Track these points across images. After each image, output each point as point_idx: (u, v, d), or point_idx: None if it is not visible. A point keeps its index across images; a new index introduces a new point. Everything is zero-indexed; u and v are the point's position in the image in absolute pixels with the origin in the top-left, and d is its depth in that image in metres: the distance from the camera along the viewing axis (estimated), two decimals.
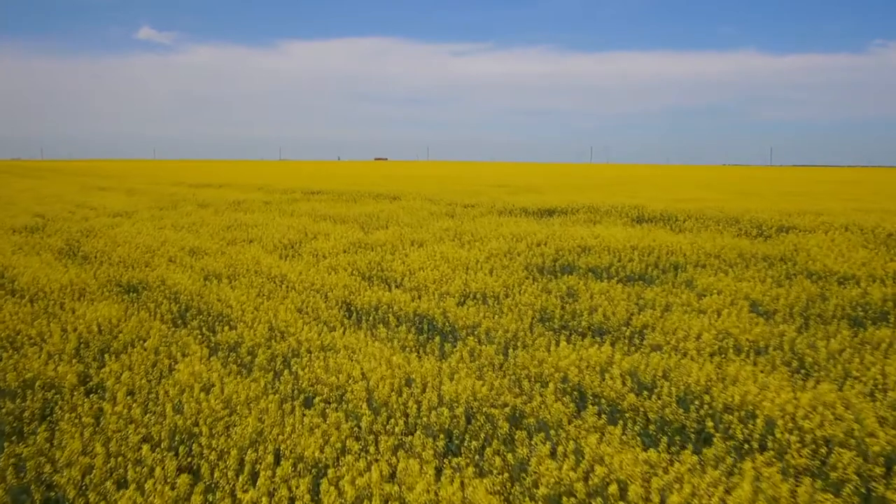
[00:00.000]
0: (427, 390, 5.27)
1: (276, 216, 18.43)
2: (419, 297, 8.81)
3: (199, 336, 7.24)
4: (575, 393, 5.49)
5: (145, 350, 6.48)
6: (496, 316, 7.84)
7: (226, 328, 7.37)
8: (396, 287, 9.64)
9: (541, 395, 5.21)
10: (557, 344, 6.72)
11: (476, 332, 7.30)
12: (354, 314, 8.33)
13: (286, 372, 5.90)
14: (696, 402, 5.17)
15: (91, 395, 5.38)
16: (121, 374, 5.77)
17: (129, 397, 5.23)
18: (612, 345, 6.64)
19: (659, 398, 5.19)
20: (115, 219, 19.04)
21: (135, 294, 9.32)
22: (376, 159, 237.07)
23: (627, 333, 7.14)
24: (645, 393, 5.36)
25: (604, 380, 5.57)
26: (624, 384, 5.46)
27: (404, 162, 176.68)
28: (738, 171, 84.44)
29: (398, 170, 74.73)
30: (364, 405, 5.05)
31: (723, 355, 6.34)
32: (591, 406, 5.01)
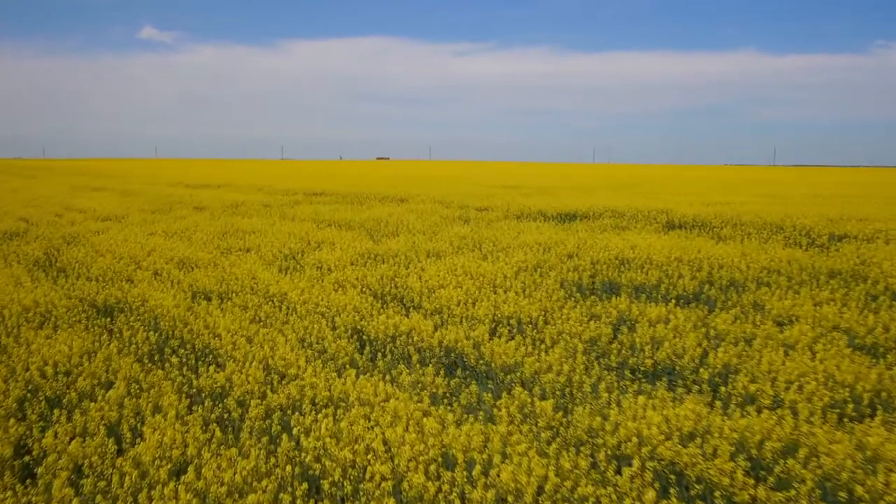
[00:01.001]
0: (474, 475, 3.90)
1: (277, 221, 17.06)
2: (443, 325, 7.45)
3: (179, 378, 5.87)
4: (671, 476, 4.11)
5: (107, 403, 5.11)
6: (539, 351, 6.46)
7: (211, 368, 6.01)
8: (415, 310, 8.28)
9: (630, 485, 3.83)
10: (624, 393, 5.36)
11: (520, 374, 5.94)
12: (368, 346, 6.97)
13: (285, 437, 4.53)
14: (842, 494, 3.81)
15: (19, 486, 3.98)
16: (69, 443, 4.41)
17: (70, 487, 3.85)
18: (697, 396, 5.27)
19: (794, 490, 3.82)
20: (103, 223, 17.70)
21: (108, 319, 7.96)
22: (378, 159, 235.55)
23: (706, 377, 5.76)
24: (769, 479, 3.99)
25: (706, 457, 4.19)
26: (734, 462, 4.08)
27: (407, 161, 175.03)
28: (751, 172, 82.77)
29: (402, 170, 73.32)
30: (391, 502, 3.67)
31: (839, 411, 4.98)
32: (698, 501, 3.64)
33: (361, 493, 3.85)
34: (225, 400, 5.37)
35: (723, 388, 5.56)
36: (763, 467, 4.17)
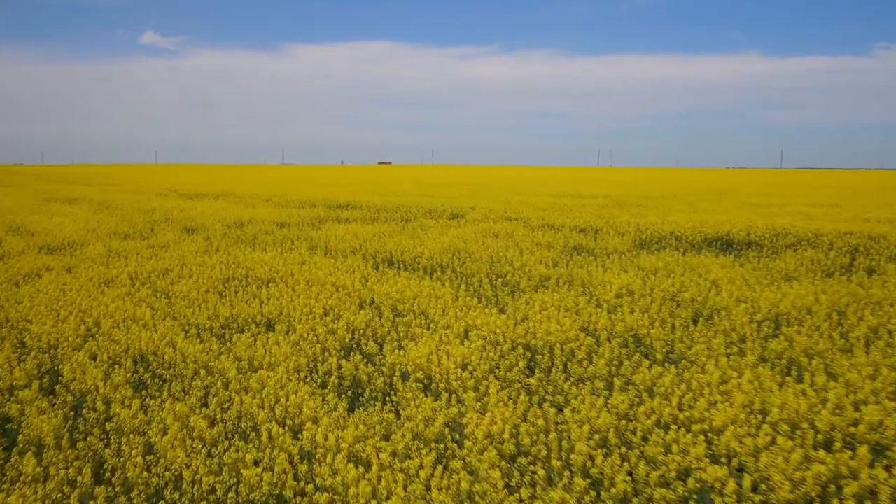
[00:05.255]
0: None
1: (305, 255, 11.36)
2: None
3: None
4: None
5: None
6: None
7: None
8: None
9: None
10: None
11: None
12: None
13: None
14: None
15: None
16: None
17: None
18: None
19: None
20: (47, 257, 12.01)
21: None
22: (380, 163, 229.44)
23: None
24: None
25: None
26: None
27: (416, 166, 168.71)
28: (814, 177, 76.85)
29: (417, 174, 67.42)
30: None
31: None
32: None
33: None
34: None
35: None
36: None
